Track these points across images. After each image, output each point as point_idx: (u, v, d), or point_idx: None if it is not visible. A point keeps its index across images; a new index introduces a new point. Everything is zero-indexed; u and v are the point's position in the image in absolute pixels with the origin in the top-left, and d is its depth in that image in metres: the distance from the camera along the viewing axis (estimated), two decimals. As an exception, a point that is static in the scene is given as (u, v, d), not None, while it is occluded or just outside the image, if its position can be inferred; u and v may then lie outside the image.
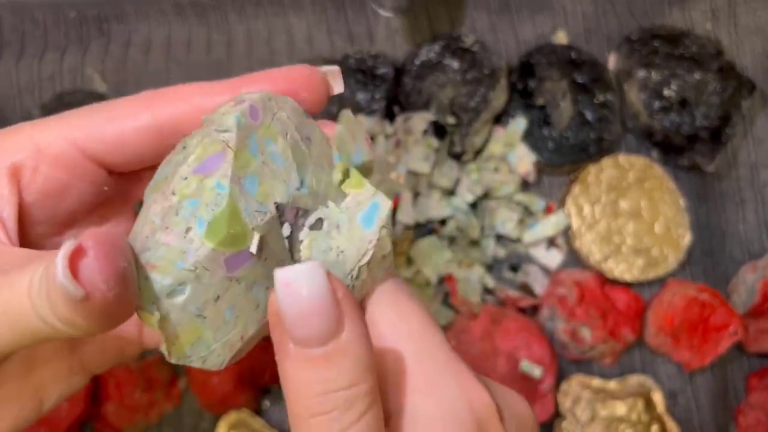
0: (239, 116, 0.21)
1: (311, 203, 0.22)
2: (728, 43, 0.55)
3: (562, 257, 0.52)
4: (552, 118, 0.52)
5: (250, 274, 0.21)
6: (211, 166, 0.20)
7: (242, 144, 0.21)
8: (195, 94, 0.22)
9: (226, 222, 0.20)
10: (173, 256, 0.19)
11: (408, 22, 0.55)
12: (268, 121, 0.21)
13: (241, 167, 0.20)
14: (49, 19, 0.55)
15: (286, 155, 0.22)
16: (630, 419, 0.48)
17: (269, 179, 0.21)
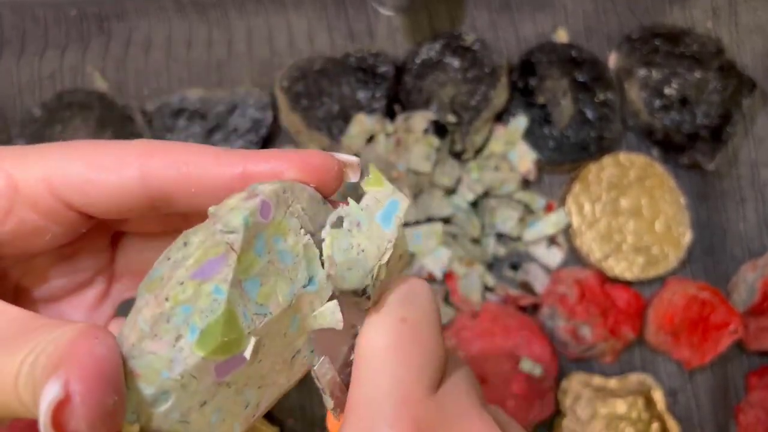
0: (248, 216, 0.19)
1: (325, 295, 0.21)
2: (729, 42, 0.55)
3: (563, 256, 0.52)
4: (553, 116, 0.52)
5: (241, 378, 0.19)
6: (210, 271, 0.18)
7: (248, 245, 0.19)
8: (192, 160, 0.19)
9: (220, 330, 0.18)
10: (159, 365, 0.18)
11: (408, 21, 0.55)
12: (280, 217, 0.20)
13: (244, 270, 0.19)
14: (50, 17, 0.55)
15: (296, 252, 0.20)
16: (630, 417, 0.48)
17: (273, 278, 0.20)
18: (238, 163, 0.19)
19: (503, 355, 0.48)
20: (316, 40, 0.55)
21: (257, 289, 0.19)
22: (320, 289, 0.21)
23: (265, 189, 0.19)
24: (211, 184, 0.19)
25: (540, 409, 0.48)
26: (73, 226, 0.20)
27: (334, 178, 0.21)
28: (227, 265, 0.18)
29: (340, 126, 0.51)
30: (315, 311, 0.21)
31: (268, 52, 0.55)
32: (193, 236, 0.19)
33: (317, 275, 0.21)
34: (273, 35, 0.55)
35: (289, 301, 0.20)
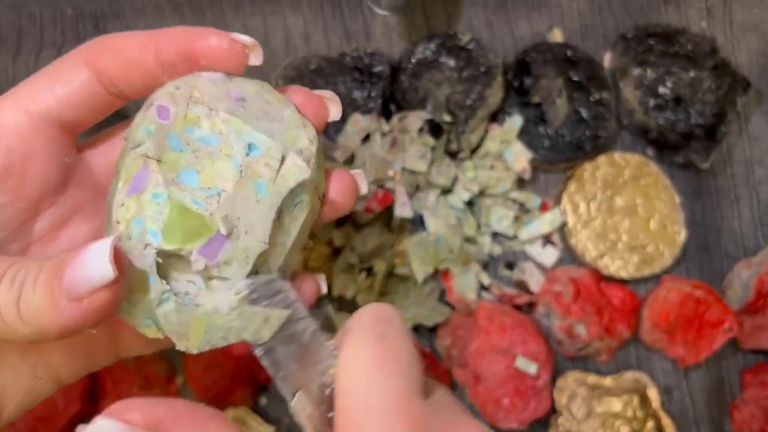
0: (148, 126, 0.21)
1: (276, 154, 0.22)
2: (723, 41, 0.55)
3: (558, 254, 0.52)
4: (548, 115, 0.52)
5: (237, 252, 0.21)
6: (140, 183, 0.20)
7: (161, 147, 0.21)
8: (123, 49, 0.22)
9: (178, 222, 0.20)
10: (143, 275, 0.20)
11: (404, 20, 0.55)
12: (183, 111, 0.22)
13: (170, 168, 0.21)
14: (46, 16, 0.55)
15: (218, 130, 0.22)
16: (625, 415, 0.48)
17: (206, 161, 0.21)
18: (149, 47, 0.22)
19: (498, 353, 0.48)
20: (312, 39, 0.55)
21: (195, 177, 0.21)
22: (268, 150, 0.22)
23: (157, 94, 0.22)
24: (137, 68, 0.23)
25: (535, 408, 0.48)
26: (57, 152, 0.23)
27: (230, 56, 0.23)
28: (151, 171, 0.21)
29: (336, 125, 0.51)
30: (279, 172, 0.22)
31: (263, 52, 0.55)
32: (119, 163, 0.22)
33: (255, 140, 0.22)
34: (269, 34, 0.55)
35: (238, 173, 0.21)
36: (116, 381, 0.48)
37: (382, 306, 0.22)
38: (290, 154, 0.22)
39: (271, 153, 0.22)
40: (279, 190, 0.22)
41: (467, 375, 0.49)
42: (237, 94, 0.23)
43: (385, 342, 0.20)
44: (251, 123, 0.22)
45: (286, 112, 0.24)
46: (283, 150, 0.22)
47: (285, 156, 0.22)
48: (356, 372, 0.20)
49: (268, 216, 0.22)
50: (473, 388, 0.49)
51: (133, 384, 0.48)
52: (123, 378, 0.48)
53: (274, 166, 0.22)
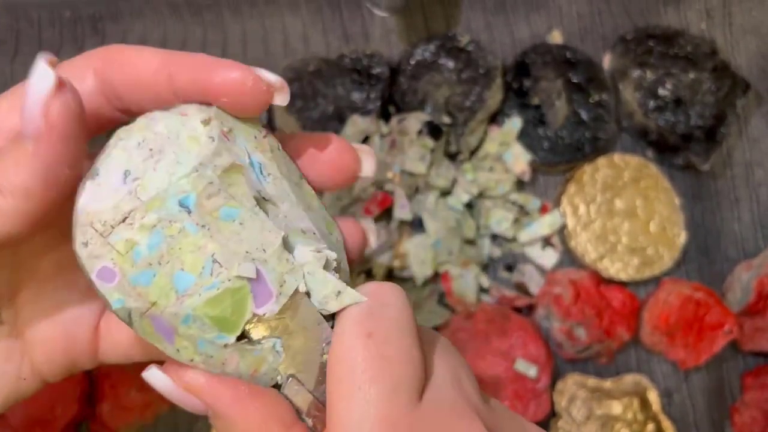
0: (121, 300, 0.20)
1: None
2: (723, 43, 0.55)
3: (558, 257, 0.52)
4: (547, 117, 0.52)
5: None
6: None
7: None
8: (136, 67, 0.21)
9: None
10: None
11: (403, 22, 0.55)
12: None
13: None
14: (44, 18, 0.55)
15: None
16: (626, 418, 0.48)
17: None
18: (164, 71, 0.20)
19: (498, 356, 0.48)
20: (311, 41, 0.55)
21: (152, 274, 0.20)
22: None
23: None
24: (148, 89, 0.21)
25: (535, 410, 0.48)
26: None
27: (252, 95, 0.20)
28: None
29: (335, 127, 0.51)
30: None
31: (262, 54, 0.55)
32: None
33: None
34: (268, 37, 0.55)
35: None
36: (114, 384, 0.48)
37: (382, 290, 0.21)
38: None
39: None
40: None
41: (467, 378, 0.49)
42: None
43: (373, 342, 0.19)
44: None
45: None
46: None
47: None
48: (341, 374, 0.19)
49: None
50: (473, 391, 0.48)
51: (131, 386, 0.48)
52: (121, 381, 0.48)
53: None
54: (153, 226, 0.19)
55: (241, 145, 0.21)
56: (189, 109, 0.21)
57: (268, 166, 0.21)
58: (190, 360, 0.20)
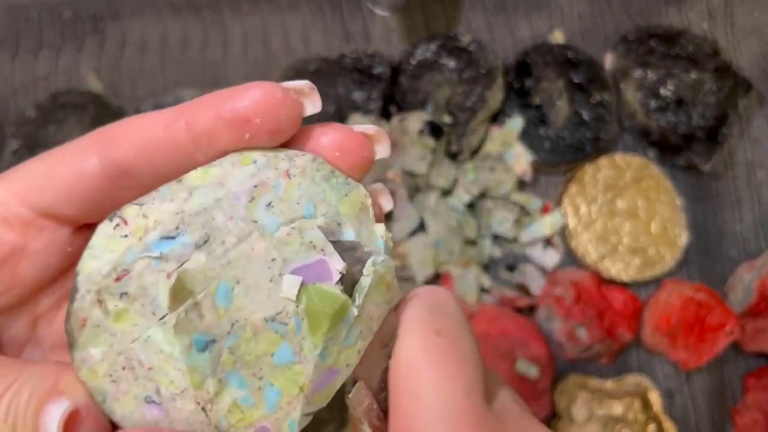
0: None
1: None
2: (725, 43, 0.55)
3: (559, 257, 0.52)
4: (548, 117, 0.52)
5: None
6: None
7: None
8: (143, 130, 0.19)
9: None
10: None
11: (404, 21, 0.55)
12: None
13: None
14: (44, 18, 0.55)
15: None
16: (627, 419, 0.48)
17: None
18: (177, 123, 0.19)
19: (499, 356, 0.48)
20: (312, 41, 0.55)
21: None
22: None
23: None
24: (163, 149, 0.19)
25: (536, 411, 0.48)
26: (55, 242, 0.20)
27: (285, 107, 0.18)
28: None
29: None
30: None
31: (263, 53, 0.55)
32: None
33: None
34: (268, 36, 0.55)
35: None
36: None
37: (436, 291, 0.20)
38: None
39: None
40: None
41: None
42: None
43: (443, 339, 0.18)
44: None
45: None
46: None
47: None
48: (412, 373, 0.18)
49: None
50: (473, 392, 0.48)
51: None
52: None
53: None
54: None
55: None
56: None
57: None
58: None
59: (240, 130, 0.18)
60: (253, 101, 0.18)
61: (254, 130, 0.18)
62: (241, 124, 0.18)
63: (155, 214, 0.18)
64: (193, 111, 0.19)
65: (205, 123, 0.18)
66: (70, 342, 0.18)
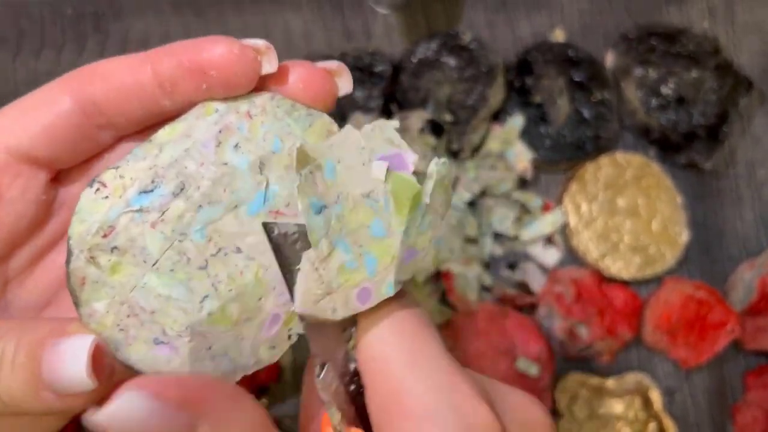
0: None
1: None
2: (726, 41, 0.55)
3: (560, 255, 0.52)
4: (549, 115, 0.52)
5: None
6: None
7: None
8: (114, 72, 0.20)
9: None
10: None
11: (405, 20, 0.55)
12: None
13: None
14: (47, 16, 0.55)
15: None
16: (627, 417, 0.48)
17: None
18: (145, 67, 0.20)
19: (500, 354, 0.48)
20: (313, 39, 0.55)
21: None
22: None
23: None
24: (132, 91, 0.20)
25: (536, 409, 0.48)
26: (31, 188, 0.20)
27: (241, 63, 0.19)
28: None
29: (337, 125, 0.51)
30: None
31: (264, 51, 0.55)
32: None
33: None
34: (269, 34, 0.55)
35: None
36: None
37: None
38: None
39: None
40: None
41: (468, 376, 0.49)
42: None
43: (406, 312, 0.19)
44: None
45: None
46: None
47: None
48: (384, 352, 0.18)
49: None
50: (474, 390, 0.48)
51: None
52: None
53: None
54: None
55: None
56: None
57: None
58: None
59: (198, 79, 0.19)
60: (211, 54, 0.19)
61: (211, 82, 0.19)
62: (199, 75, 0.19)
63: (130, 173, 0.19)
64: (159, 57, 0.20)
65: (168, 69, 0.19)
66: (75, 301, 0.19)
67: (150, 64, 0.19)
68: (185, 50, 0.19)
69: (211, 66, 0.19)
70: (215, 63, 0.19)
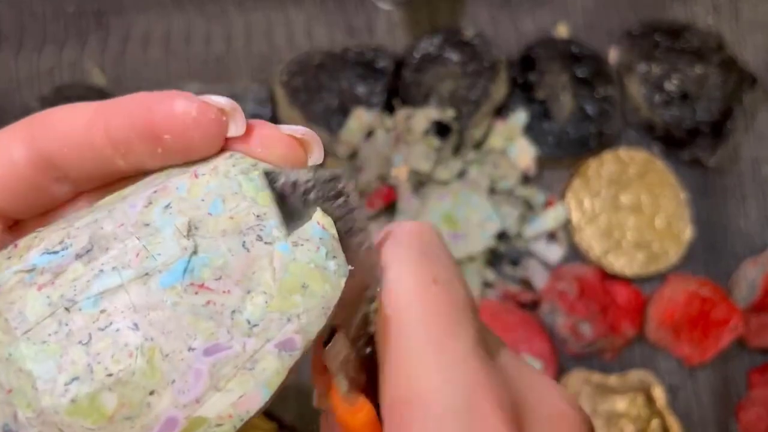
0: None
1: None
2: (730, 38, 0.55)
3: (563, 252, 0.52)
4: (552, 112, 0.52)
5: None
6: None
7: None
8: (67, 124, 0.18)
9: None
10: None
11: (408, 15, 0.55)
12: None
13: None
14: (48, 13, 0.55)
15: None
16: (630, 414, 0.48)
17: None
18: (97, 124, 0.17)
19: (502, 351, 0.48)
20: (315, 34, 0.55)
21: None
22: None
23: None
24: (85, 147, 0.18)
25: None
26: None
27: (201, 126, 0.17)
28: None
29: (339, 120, 0.50)
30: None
31: (266, 47, 0.55)
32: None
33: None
34: (272, 30, 0.55)
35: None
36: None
37: (422, 227, 0.18)
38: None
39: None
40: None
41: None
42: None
43: (441, 289, 0.17)
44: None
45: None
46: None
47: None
48: (411, 327, 0.16)
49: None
50: (477, 386, 0.48)
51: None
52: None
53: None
54: None
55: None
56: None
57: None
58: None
59: (152, 144, 0.17)
60: (164, 116, 0.17)
61: (166, 147, 0.17)
62: (153, 139, 0.17)
63: (45, 233, 0.16)
64: (111, 114, 0.17)
65: (119, 131, 0.17)
66: None
67: (103, 121, 0.17)
68: (138, 108, 0.17)
69: (165, 130, 0.17)
70: (169, 127, 0.17)
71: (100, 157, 0.18)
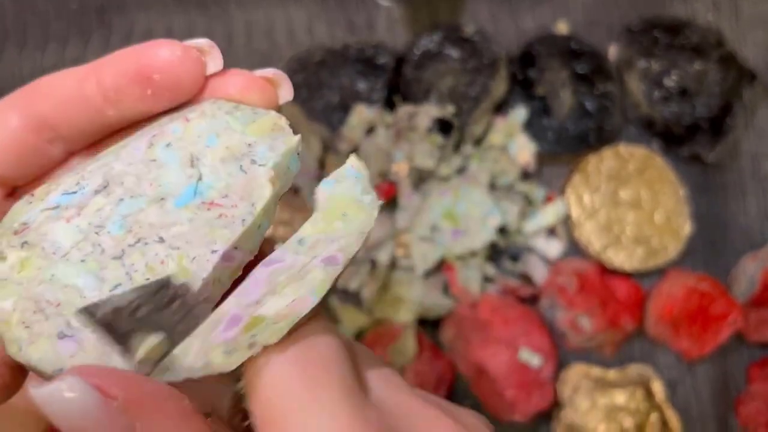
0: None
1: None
2: (730, 34, 0.55)
3: (562, 247, 0.52)
4: (552, 108, 0.52)
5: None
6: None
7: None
8: (59, 86, 0.20)
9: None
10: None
11: (408, 12, 0.55)
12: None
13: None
14: (51, 11, 0.56)
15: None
16: (629, 408, 0.48)
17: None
18: (89, 78, 0.19)
19: (502, 345, 0.48)
20: (316, 32, 0.55)
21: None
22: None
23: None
24: (78, 104, 0.19)
25: (539, 400, 0.48)
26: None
27: (185, 65, 0.19)
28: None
29: (340, 117, 0.51)
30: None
31: (267, 45, 0.55)
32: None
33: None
34: (272, 28, 0.55)
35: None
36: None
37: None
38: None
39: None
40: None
41: (471, 367, 0.49)
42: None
43: (301, 339, 0.17)
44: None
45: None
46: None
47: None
48: (282, 391, 0.17)
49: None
50: (477, 381, 0.48)
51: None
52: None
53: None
54: None
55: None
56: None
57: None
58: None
59: (142, 85, 0.19)
60: (153, 58, 0.19)
61: (156, 87, 0.19)
62: (143, 80, 0.19)
63: (59, 180, 0.19)
64: (102, 67, 0.19)
65: (111, 78, 0.19)
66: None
67: (94, 76, 0.19)
68: (128, 57, 0.19)
69: (155, 70, 0.19)
70: (158, 67, 0.19)
71: (92, 108, 0.19)
